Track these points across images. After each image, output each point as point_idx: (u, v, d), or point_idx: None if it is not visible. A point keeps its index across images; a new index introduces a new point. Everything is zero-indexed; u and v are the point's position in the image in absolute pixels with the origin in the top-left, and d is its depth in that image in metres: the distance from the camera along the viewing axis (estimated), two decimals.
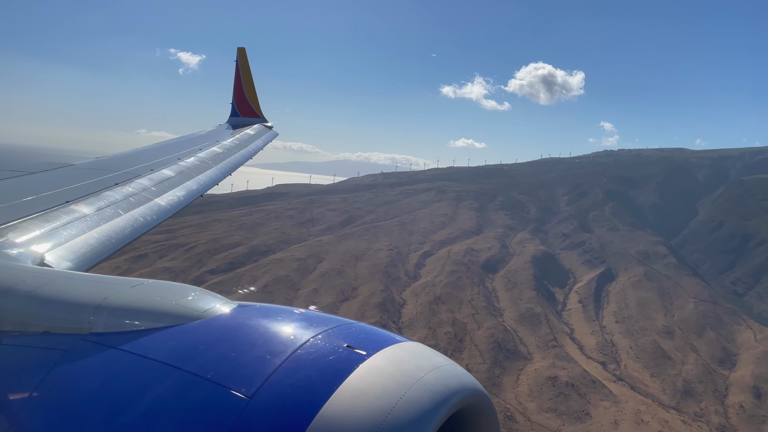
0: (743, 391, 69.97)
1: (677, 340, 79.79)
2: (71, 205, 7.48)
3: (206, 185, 11.12)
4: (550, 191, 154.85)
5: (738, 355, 77.41)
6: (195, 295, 3.29)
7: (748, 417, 66.06)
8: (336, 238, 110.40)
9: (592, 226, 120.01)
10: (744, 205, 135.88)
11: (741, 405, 67.72)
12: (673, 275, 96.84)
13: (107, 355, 2.92)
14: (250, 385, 2.46)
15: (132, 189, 8.93)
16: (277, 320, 2.96)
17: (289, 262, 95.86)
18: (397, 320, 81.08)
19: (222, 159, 13.36)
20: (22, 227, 6.28)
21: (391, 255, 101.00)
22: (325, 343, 2.70)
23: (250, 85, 20.91)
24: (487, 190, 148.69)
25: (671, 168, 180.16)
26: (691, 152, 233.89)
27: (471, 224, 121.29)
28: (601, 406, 65.05)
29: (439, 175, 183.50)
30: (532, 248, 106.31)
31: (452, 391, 2.53)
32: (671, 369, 73.42)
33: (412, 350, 2.78)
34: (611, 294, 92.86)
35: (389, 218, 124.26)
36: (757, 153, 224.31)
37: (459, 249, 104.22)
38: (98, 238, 6.85)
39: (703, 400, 68.23)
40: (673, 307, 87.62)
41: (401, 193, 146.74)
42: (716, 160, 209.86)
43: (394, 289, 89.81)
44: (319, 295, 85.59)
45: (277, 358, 2.59)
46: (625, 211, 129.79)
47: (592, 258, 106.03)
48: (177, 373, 2.61)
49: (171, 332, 2.95)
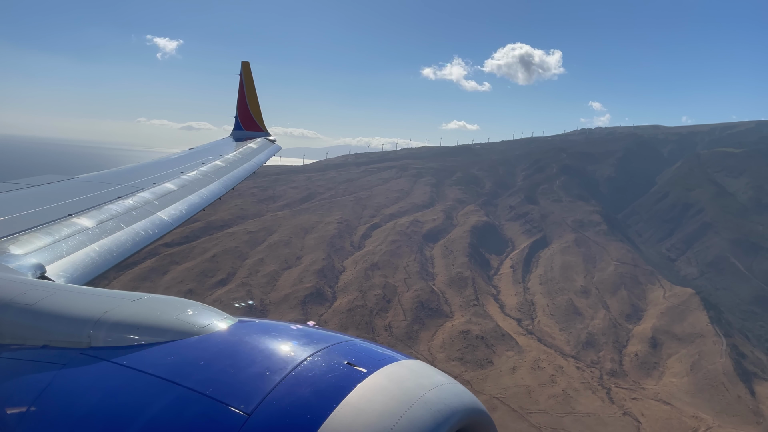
0: (641, 341, 76.21)
1: (592, 298, 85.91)
2: (73, 218, 7.54)
3: (208, 199, 11.13)
4: (511, 167, 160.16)
5: (645, 311, 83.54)
6: (195, 310, 3.28)
7: (640, 364, 72.34)
8: (292, 213, 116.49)
9: (539, 199, 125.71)
10: (692, 176, 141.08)
11: (636, 354, 74.00)
12: (602, 241, 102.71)
13: (106, 370, 2.93)
14: (250, 402, 2.45)
15: (134, 202, 9.00)
16: (277, 337, 2.95)
17: (240, 234, 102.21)
18: (333, 285, 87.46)
19: (225, 173, 13.45)
20: (23, 240, 6.33)
21: (339, 227, 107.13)
22: (325, 360, 2.69)
23: (254, 99, 20.92)
24: (448, 167, 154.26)
25: (635, 144, 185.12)
26: (663, 129, 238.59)
27: (424, 198, 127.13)
28: (505, 355, 71.42)
29: (410, 154, 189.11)
30: (474, 219, 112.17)
31: (453, 410, 2.53)
32: (580, 324, 79.65)
33: (413, 368, 2.76)
34: (541, 259, 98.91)
35: (347, 194, 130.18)
36: (728, 128, 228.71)
37: (405, 221, 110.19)
38: (99, 251, 6.91)
39: (602, 350, 74.49)
40: (595, 270, 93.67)
41: (364, 171, 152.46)
42: (684, 136, 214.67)
43: (336, 258, 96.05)
44: (264, 264, 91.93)
45: (276, 375, 2.58)
46: (575, 185, 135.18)
47: (531, 227, 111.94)
48: (176, 389, 2.62)
49: (170, 347, 2.96)
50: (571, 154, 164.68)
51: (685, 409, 62.96)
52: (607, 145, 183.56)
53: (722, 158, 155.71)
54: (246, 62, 20.92)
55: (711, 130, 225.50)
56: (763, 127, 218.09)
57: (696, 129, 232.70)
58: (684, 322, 78.01)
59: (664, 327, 77.83)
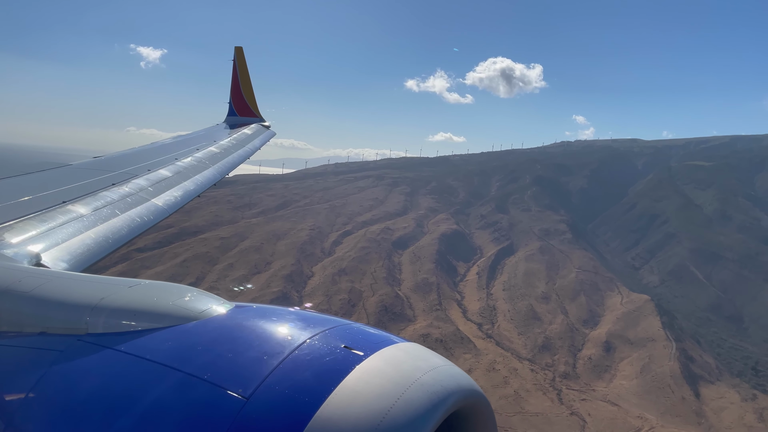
0: (596, 345, 78.59)
1: (551, 304, 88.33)
2: (68, 205, 7.50)
3: (203, 185, 11.18)
4: (487, 178, 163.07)
5: (602, 316, 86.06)
6: (192, 295, 3.29)
7: (592, 366, 74.65)
8: (266, 220, 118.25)
9: (509, 208, 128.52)
10: (660, 188, 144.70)
11: (590, 357, 76.32)
12: (566, 249, 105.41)
13: (104, 356, 2.94)
14: (248, 386, 2.47)
15: (129, 189, 8.99)
16: (274, 321, 2.97)
17: (212, 240, 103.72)
18: (300, 290, 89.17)
19: (219, 159, 13.43)
20: (18, 227, 6.30)
21: (311, 234, 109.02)
22: (323, 344, 2.71)
23: (248, 84, 20.82)
24: (424, 176, 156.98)
25: (610, 156, 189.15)
26: (640, 142, 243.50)
27: (397, 207, 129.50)
28: (462, 358, 73.33)
29: (390, 164, 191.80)
30: (444, 227, 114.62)
31: (449, 391, 2.55)
32: (538, 328, 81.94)
33: (409, 351, 2.78)
34: (506, 266, 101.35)
35: (322, 202, 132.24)
36: (702, 142, 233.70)
37: (376, 228, 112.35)
38: (95, 238, 6.88)
39: (558, 354, 76.74)
40: (557, 277, 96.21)
41: (341, 180, 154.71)
42: (659, 149, 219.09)
43: (305, 263, 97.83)
44: (233, 269, 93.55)
45: (274, 359, 2.60)
46: (546, 195, 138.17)
47: (500, 236, 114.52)
48: (174, 374, 2.63)
49: (168, 333, 2.96)
50: (545, 165, 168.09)
51: (631, 410, 65.18)
52: (582, 158, 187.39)
53: (692, 171, 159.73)
54: (239, 47, 20.86)
55: (686, 144, 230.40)
56: (737, 141, 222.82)
57: (671, 143, 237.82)
58: (638, 327, 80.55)
59: (619, 332, 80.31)
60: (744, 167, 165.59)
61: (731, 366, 77.69)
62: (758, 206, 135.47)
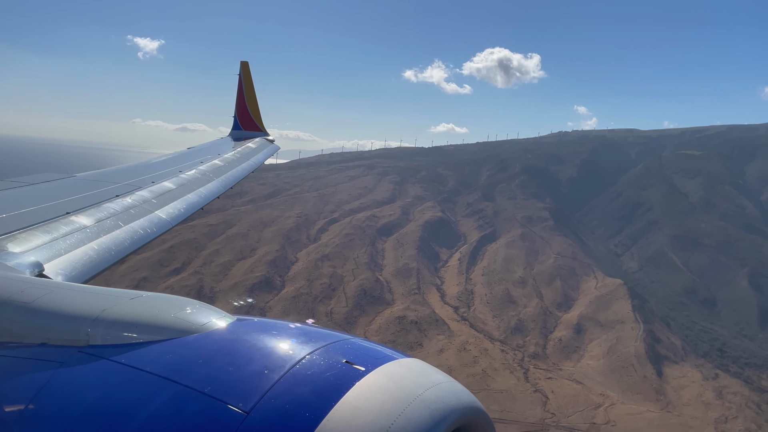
0: (567, 327, 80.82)
1: (528, 288, 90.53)
2: (71, 216, 7.50)
3: (207, 198, 11.13)
4: (478, 167, 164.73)
5: (576, 300, 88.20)
6: (193, 308, 3.28)
7: (562, 348, 76.91)
8: (255, 208, 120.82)
9: (495, 196, 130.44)
10: (648, 177, 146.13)
11: (560, 339, 78.58)
12: (547, 236, 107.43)
13: (104, 368, 2.92)
14: (248, 400, 2.45)
15: (132, 201, 8.98)
16: (275, 335, 2.96)
17: (200, 227, 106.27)
18: (283, 275, 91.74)
19: (223, 172, 13.43)
20: (21, 238, 6.31)
21: (297, 222, 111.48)
22: (324, 359, 2.70)
23: (253, 98, 20.84)
24: (415, 166, 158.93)
25: (602, 146, 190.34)
26: (635, 132, 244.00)
27: (386, 195, 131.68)
28: (435, 339, 75.82)
29: (383, 154, 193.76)
30: (429, 215, 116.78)
31: (451, 408, 2.54)
32: (512, 311, 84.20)
33: (411, 367, 2.78)
34: (487, 252, 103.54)
35: (312, 191, 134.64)
36: (697, 132, 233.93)
37: (362, 216, 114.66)
38: (98, 249, 6.88)
39: (529, 335, 79.02)
40: (535, 262, 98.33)
41: (333, 170, 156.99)
42: (653, 139, 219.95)
43: (290, 249, 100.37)
44: (219, 255, 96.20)
45: (275, 373, 2.58)
46: (533, 184, 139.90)
47: (484, 223, 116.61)
48: (174, 387, 2.61)
49: (169, 345, 2.95)
50: (537, 154, 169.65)
51: (594, 388, 67.48)
52: (575, 147, 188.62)
53: (682, 160, 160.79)
54: (245, 62, 20.89)
55: (681, 133, 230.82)
56: (733, 131, 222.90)
57: (666, 132, 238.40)
58: (608, 310, 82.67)
59: (590, 315, 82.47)
60: (735, 156, 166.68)
61: (698, 347, 79.80)
62: (744, 194, 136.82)
